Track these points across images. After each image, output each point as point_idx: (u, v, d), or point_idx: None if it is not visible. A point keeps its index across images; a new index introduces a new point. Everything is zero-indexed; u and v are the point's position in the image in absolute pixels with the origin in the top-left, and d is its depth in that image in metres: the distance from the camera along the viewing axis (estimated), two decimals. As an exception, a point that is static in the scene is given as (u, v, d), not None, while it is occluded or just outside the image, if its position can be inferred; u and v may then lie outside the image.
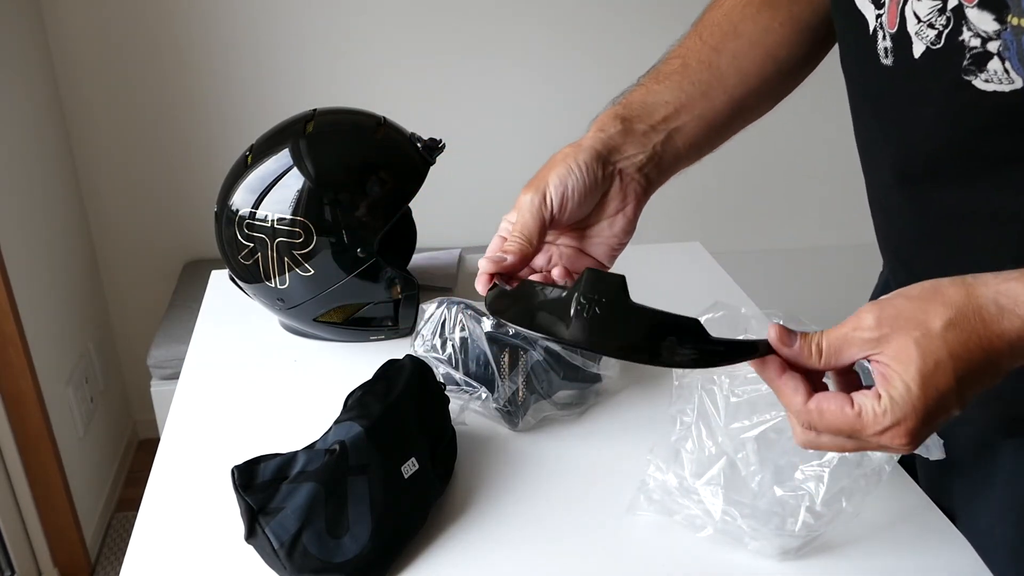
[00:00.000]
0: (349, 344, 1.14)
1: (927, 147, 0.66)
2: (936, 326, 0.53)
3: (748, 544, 0.78)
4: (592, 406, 1.01)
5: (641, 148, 0.74)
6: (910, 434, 0.54)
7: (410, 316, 1.12)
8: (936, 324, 0.53)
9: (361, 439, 0.79)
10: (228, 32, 2.14)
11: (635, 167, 0.73)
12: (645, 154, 0.74)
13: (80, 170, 2.22)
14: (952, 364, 0.53)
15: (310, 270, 1.06)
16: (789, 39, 0.77)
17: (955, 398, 0.53)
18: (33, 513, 1.90)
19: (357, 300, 1.11)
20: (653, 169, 0.74)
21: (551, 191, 0.69)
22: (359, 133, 1.11)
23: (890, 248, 0.81)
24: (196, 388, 1.06)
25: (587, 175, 0.70)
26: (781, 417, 0.77)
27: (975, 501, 0.79)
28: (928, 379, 0.53)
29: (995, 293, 0.53)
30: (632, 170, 0.73)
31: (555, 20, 2.22)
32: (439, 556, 0.80)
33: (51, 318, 1.98)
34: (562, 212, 0.70)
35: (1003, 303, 0.53)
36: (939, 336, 0.53)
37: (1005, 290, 0.53)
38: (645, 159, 0.74)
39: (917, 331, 0.53)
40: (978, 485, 0.77)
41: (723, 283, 1.30)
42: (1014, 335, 0.53)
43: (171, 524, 0.85)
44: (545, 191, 0.69)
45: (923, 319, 0.54)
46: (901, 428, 0.54)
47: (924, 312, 0.54)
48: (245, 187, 1.06)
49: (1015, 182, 0.62)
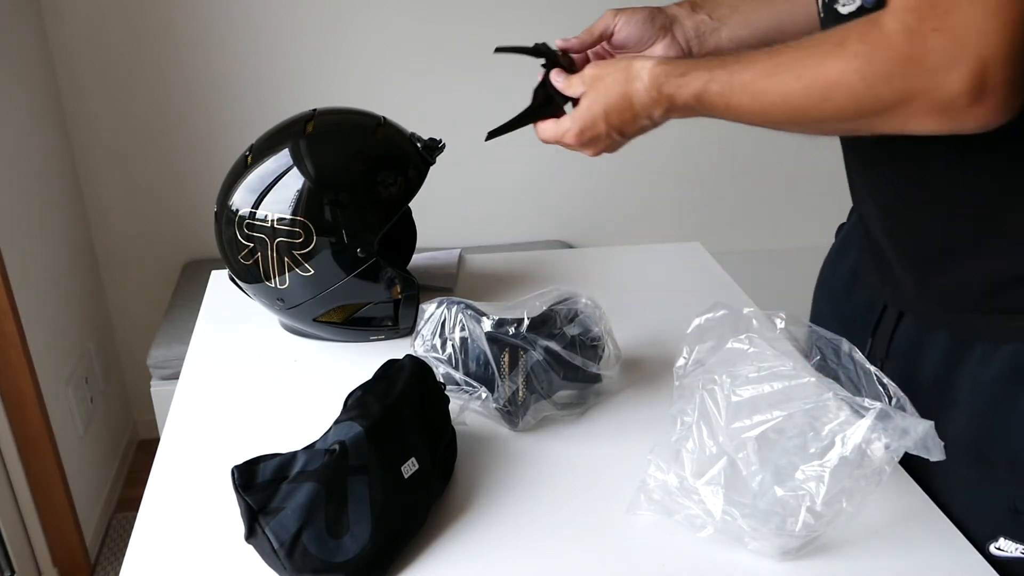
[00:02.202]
0: (349, 344, 1.14)
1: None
2: (607, 78, 0.90)
3: (748, 544, 0.78)
4: (592, 406, 1.01)
5: (694, 27, 1.02)
6: (575, 136, 0.93)
7: (410, 316, 1.12)
8: (608, 77, 0.91)
9: (361, 439, 0.79)
10: (228, 32, 2.14)
11: (684, 37, 1.02)
12: (695, 31, 1.02)
13: (80, 170, 2.22)
14: (604, 101, 0.90)
15: (310, 270, 1.05)
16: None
17: (604, 122, 0.91)
18: (33, 513, 1.90)
19: (357, 300, 1.11)
20: (696, 44, 1.02)
21: (621, 19, 1.02)
22: (359, 133, 1.11)
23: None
24: (196, 388, 1.06)
25: (646, 25, 1.01)
26: (782, 417, 0.77)
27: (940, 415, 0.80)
28: (590, 106, 0.92)
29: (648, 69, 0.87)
30: (680, 37, 1.02)
31: (556, 19, 2.22)
32: (439, 556, 0.80)
33: (51, 318, 1.98)
34: (619, 35, 1.02)
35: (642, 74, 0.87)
36: (605, 85, 0.90)
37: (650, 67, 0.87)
38: (694, 35, 1.02)
39: (599, 80, 0.91)
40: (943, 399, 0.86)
41: (723, 283, 1.30)
42: (640, 91, 0.88)
43: (171, 524, 0.85)
44: (617, 16, 1.02)
45: (604, 75, 0.91)
46: (572, 132, 0.93)
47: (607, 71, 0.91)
48: (245, 187, 1.06)
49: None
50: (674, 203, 2.49)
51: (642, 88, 0.87)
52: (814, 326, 0.87)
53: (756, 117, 0.81)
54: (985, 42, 0.64)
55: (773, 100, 0.78)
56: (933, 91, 0.67)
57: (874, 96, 0.70)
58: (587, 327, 0.98)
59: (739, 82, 0.80)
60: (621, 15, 1.01)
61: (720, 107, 0.83)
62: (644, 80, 0.87)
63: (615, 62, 0.92)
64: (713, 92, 0.83)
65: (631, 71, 0.88)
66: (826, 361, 0.85)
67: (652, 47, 1.01)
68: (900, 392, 0.78)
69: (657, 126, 0.91)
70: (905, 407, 0.77)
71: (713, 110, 0.84)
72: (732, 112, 0.82)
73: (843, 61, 0.72)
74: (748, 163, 2.39)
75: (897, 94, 0.69)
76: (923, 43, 0.66)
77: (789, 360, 0.81)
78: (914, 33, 0.66)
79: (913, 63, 0.67)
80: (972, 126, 0.69)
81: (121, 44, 2.12)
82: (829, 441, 0.76)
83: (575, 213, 2.46)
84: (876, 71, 0.70)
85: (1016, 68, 0.65)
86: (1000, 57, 0.64)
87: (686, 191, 2.46)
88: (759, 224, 2.53)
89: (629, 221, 2.48)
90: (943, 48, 0.65)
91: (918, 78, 0.67)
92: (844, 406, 0.77)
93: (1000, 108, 0.67)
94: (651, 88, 0.87)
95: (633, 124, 0.90)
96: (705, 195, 2.46)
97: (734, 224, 2.50)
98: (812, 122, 0.78)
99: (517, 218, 2.42)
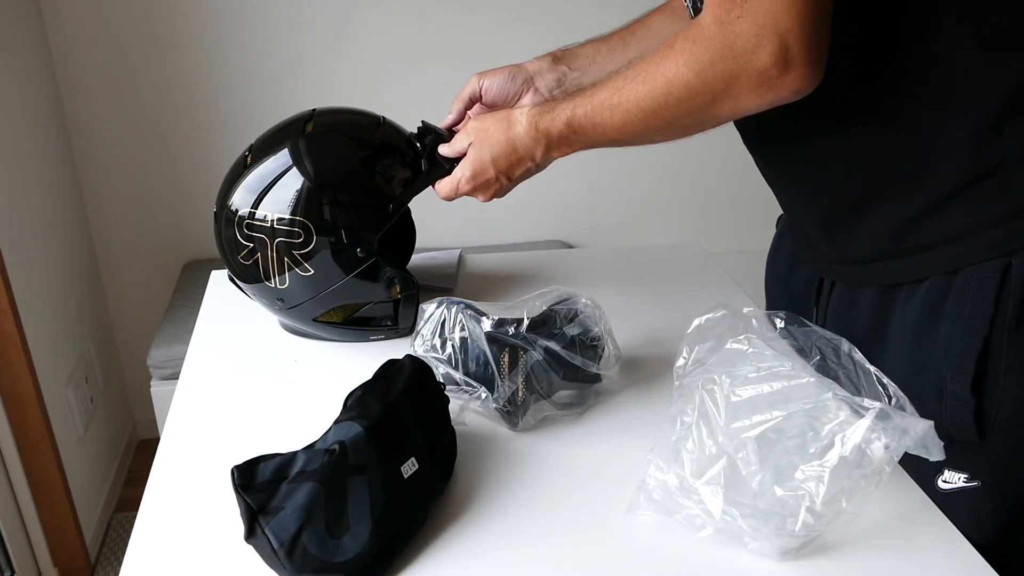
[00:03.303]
0: (349, 344, 1.14)
1: None
2: (490, 128, 0.99)
3: (748, 544, 0.78)
4: (592, 406, 1.01)
5: (556, 79, 1.11)
6: (468, 181, 1.01)
7: (410, 316, 1.12)
8: (490, 127, 0.99)
9: (361, 439, 0.79)
10: (228, 31, 2.14)
11: (547, 88, 1.11)
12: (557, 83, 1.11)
13: (80, 170, 2.22)
14: (490, 148, 0.99)
15: (310, 270, 1.05)
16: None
17: (492, 168, 0.99)
18: (33, 513, 1.90)
19: (357, 300, 1.11)
20: (561, 95, 1.09)
21: (484, 81, 1.12)
22: (358, 133, 1.11)
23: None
24: (196, 388, 1.06)
25: (509, 82, 1.11)
26: (782, 417, 0.77)
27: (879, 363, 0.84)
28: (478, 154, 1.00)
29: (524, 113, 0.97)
30: (544, 89, 1.11)
31: (556, 19, 2.22)
32: (439, 556, 0.80)
33: (51, 318, 1.98)
34: (487, 96, 1.12)
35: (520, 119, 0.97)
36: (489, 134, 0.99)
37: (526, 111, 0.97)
38: (556, 86, 1.11)
39: (483, 132, 0.99)
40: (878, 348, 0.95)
41: (723, 283, 1.30)
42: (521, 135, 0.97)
43: (171, 524, 0.85)
44: (481, 79, 1.12)
45: (487, 125, 1.00)
46: (464, 178, 1.01)
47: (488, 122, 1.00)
48: (244, 187, 1.06)
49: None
50: (674, 203, 2.49)
51: (523, 132, 0.97)
52: (814, 326, 0.87)
53: (619, 132, 0.90)
54: (780, 20, 0.75)
55: (627, 108, 0.88)
56: (748, 70, 0.78)
57: (704, 82, 0.81)
58: (587, 327, 0.98)
59: (598, 101, 0.90)
60: (484, 77, 1.11)
61: (589, 129, 0.92)
62: (523, 123, 0.97)
63: (495, 113, 1.02)
64: (580, 116, 0.92)
65: (511, 118, 0.98)
66: (826, 361, 0.85)
67: (519, 102, 1.11)
68: (900, 392, 0.79)
69: (541, 169, 1.00)
70: (905, 407, 0.77)
71: (584, 135, 0.93)
72: (599, 131, 0.92)
73: (673, 59, 0.83)
74: (748, 163, 2.39)
75: (721, 77, 0.80)
76: (732, 30, 0.77)
77: (788, 360, 0.81)
78: (723, 23, 0.78)
79: (727, 47, 0.78)
80: (788, 94, 0.79)
81: (121, 44, 2.12)
82: (829, 441, 0.76)
83: (575, 213, 2.46)
84: (699, 60, 0.80)
85: (812, 37, 0.76)
86: (796, 30, 0.75)
87: (686, 191, 2.46)
88: (759, 224, 2.52)
89: (629, 221, 2.48)
90: (747, 31, 0.77)
91: (735, 61, 0.78)
92: (844, 406, 0.77)
93: (807, 75, 0.78)
94: (530, 129, 0.96)
95: (519, 167, 0.99)
96: (705, 195, 2.46)
97: (734, 224, 2.50)
98: (665, 123, 0.87)
99: (517, 218, 2.42)
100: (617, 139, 0.92)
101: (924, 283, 0.89)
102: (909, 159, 0.86)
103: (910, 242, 0.89)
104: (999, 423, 0.85)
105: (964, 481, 0.88)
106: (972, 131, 0.82)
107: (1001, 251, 0.83)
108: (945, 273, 0.87)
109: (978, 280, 0.84)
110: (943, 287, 0.87)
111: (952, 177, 0.84)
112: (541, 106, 0.97)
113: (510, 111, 0.99)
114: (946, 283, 0.87)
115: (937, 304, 0.88)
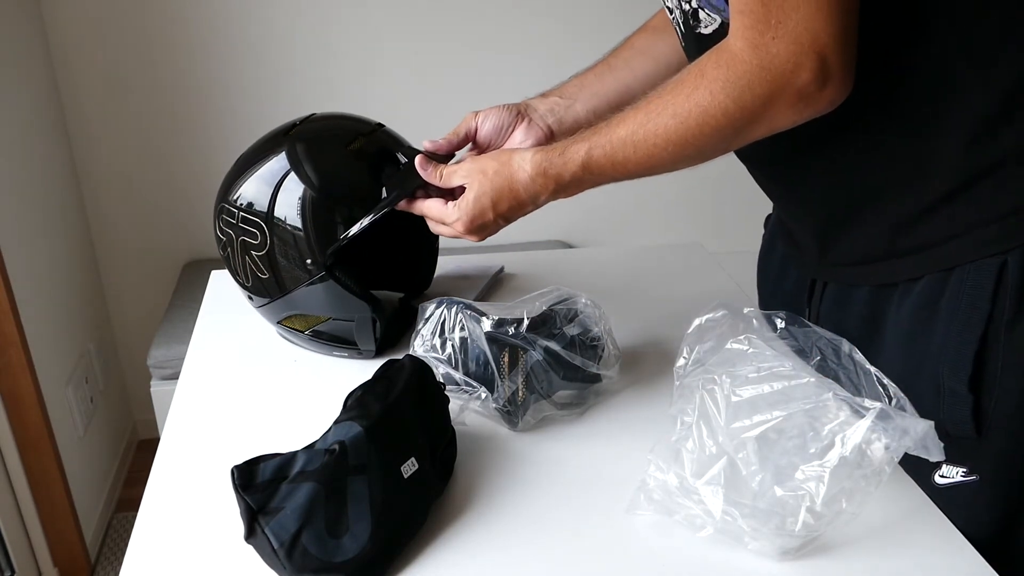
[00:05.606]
0: (349, 344, 1.14)
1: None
2: (489, 171, 0.95)
3: (748, 544, 0.78)
4: (592, 406, 1.01)
5: (548, 109, 1.08)
6: (465, 225, 0.97)
7: (368, 339, 1.07)
8: (489, 170, 0.95)
9: (361, 439, 0.79)
10: (228, 33, 2.14)
11: (540, 119, 1.08)
12: (550, 112, 1.08)
13: (80, 170, 2.22)
14: (491, 193, 0.95)
15: (265, 273, 1.05)
16: (666, 51, 1.09)
17: (492, 212, 0.96)
18: (33, 513, 1.90)
19: (315, 313, 1.07)
20: (555, 123, 1.08)
21: (480, 116, 1.08)
22: (329, 145, 1.06)
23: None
24: (196, 388, 1.06)
25: (504, 113, 1.08)
26: (782, 417, 0.77)
27: (873, 362, 0.85)
28: (477, 198, 0.96)
29: (528, 159, 0.93)
30: (538, 120, 1.08)
31: (557, 19, 2.22)
32: (439, 556, 0.80)
33: (51, 318, 1.98)
34: (482, 131, 1.08)
35: (524, 164, 0.94)
36: (488, 178, 0.95)
37: (531, 156, 0.93)
38: (550, 116, 1.08)
39: (482, 174, 0.96)
40: (872, 346, 0.94)
41: (723, 283, 1.30)
42: (525, 180, 0.94)
43: (171, 524, 0.85)
44: (477, 116, 1.08)
45: (486, 167, 0.96)
46: (462, 221, 0.97)
47: (488, 164, 0.96)
48: (227, 178, 1.07)
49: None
50: (674, 203, 2.49)
51: (527, 178, 0.94)
52: (814, 326, 0.87)
53: (642, 166, 0.89)
54: (820, 37, 0.75)
55: (656, 143, 0.86)
56: (788, 89, 0.78)
57: (742, 107, 0.81)
58: (587, 327, 0.98)
59: (618, 139, 0.88)
60: (480, 113, 1.09)
61: (608, 168, 0.90)
62: (527, 170, 0.93)
63: (493, 155, 0.98)
64: (597, 156, 0.90)
65: (512, 165, 0.95)
66: (826, 361, 0.85)
67: (512, 133, 1.08)
68: (900, 392, 0.79)
69: (539, 208, 0.98)
70: (905, 407, 0.77)
71: (601, 174, 0.92)
72: (619, 168, 0.90)
73: (708, 87, 0.82)
74: (748, 163, 2.39)
75: (760, 100, 0.80)
76: (767, 52, 0.77)
77: (789, 360, 0.81)
78: (757, 47, 0.78)
79: (764, 70, 0.78)
80: (824, 106, 0.80)
81: (121, 45, 2.12)
82: (829, 441, 0.76)
83: (575, 213, 2.46)
84: (737, 85, 0.80)
85: (848, 49, 0.77)
86: (833, 45, 0.76)
87: (686, 191, 2.46)
88: (759, 224, 2.53)
89: (629, 221, 2.48)
90: (784, 52, 0.77)
91: (774, 83, 0.78)
92: (844, 406, 0.77)
93: (843, 86, 0.79)
94: (536, 176, 0.93)
95: (519, 211, 0.97)
96: (705, 195, 2.46)
97: (734, 224, 2.50)
98: (696, 151, 0.86)
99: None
100: (638, 174, 0.91)
101: (919, 282, 0.89)
102: (903, 165, 0.87)
103: (904, 244, 0.90)
104: (996, 419, 0.85)
105: (962, 476, 0.88)
106: (967, 134, 0.83)
107: (997, 249, 0.83)
108: (940, 271, 0.87)
109: (974, 278, 0.85)
110: (938, 285, 0.87)
111: (947, 180, 0.85)
112: (547, 150, 0.93)
113: (511, 154, 0.96)
114: (941, 281, 0.87)
115: (933, 302, 0.88)
